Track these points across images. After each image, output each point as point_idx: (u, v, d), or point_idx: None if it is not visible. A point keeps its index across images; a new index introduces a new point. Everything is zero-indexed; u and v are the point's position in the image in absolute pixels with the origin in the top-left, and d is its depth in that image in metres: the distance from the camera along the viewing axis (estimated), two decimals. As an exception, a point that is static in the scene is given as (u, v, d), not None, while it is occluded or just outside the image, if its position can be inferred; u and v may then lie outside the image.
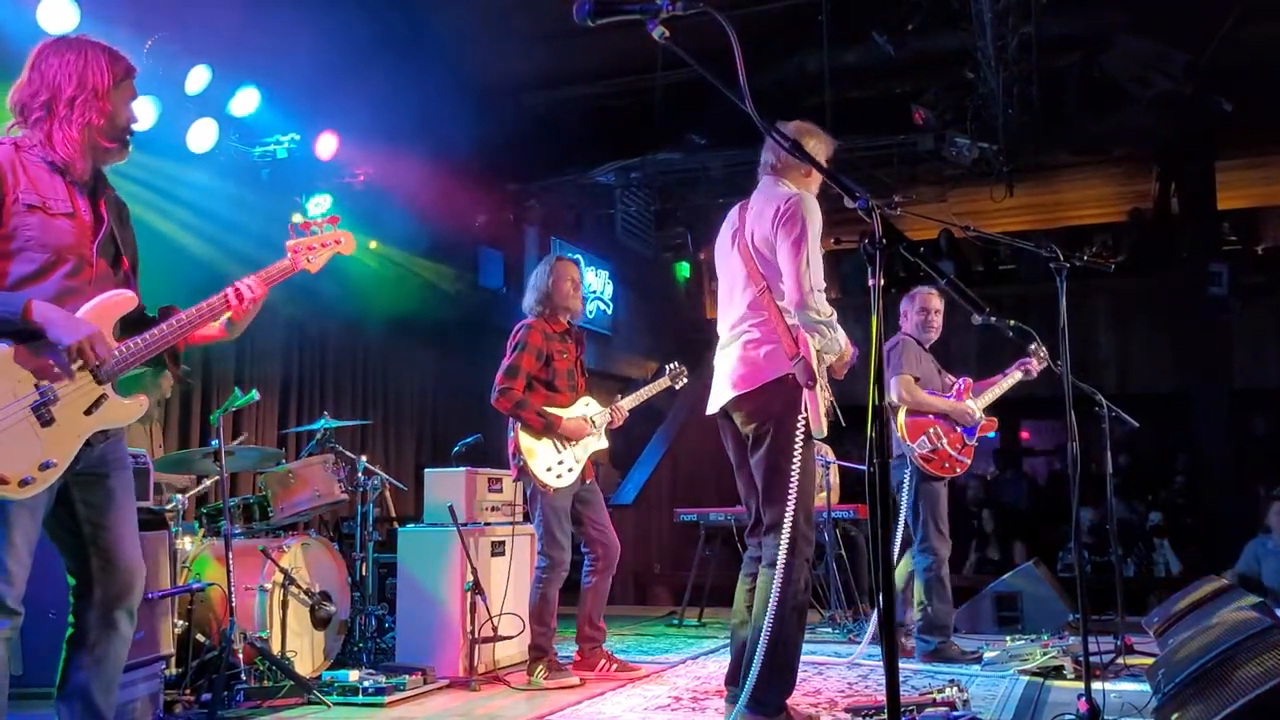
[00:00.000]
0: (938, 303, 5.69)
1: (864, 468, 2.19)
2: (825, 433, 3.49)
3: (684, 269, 14.33)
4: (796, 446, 3.49)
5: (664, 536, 10.05)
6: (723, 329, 3.83)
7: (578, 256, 10.28)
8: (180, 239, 6.86)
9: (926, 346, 5.67)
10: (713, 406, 3.80)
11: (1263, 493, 8.66)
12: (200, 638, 4.57)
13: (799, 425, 3.49)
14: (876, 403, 2.10)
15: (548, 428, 4.87)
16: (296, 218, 3.12)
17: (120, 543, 2.73)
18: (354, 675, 4.55)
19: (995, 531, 9.75)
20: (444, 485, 5.38)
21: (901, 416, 5.44)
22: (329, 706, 4.34)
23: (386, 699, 4.40)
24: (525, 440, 4.84)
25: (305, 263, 3.05)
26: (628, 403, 5.36)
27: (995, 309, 4.62)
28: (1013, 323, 4.62)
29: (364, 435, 8.84)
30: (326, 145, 7.48)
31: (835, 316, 3.56)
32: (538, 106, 9.17)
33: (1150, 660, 4.49)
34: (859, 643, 6.13)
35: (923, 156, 9.25)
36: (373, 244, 9.02)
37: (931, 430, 5.41)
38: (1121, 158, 10.48)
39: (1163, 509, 9.95)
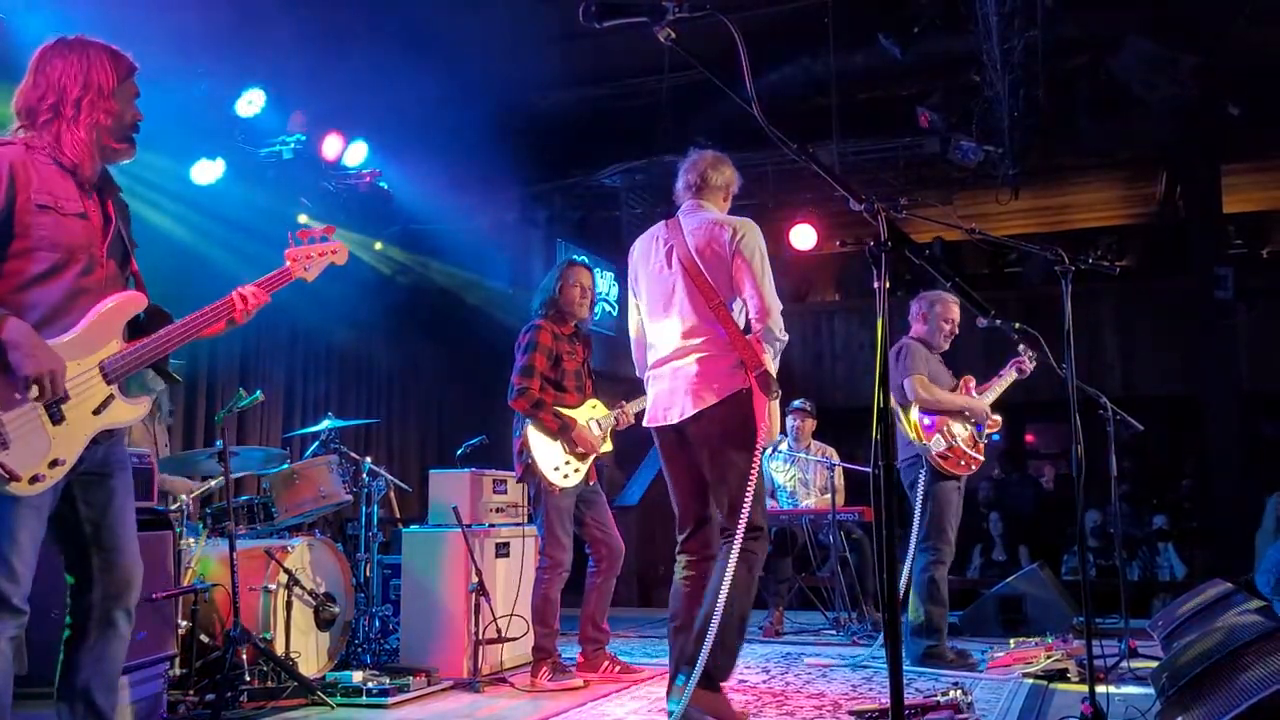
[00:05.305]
0: (956, 312, 5.61)
1: (868, 469, 2.18)
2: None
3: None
4: (755, 453, 3.66)
5: (669, 538, 10.00)
6: (663, 343, 3.92)
7: (584, 258, 10.28)
8: (185, 239, 6.87)
9: (936, 352, 5.61)
10: (664, 419, 3.85)
11: (1269, 496, 8.63)
12: (204, 638, 4.57)
13: (758, 433, 3.67)
14: (881, 405, 2.10)
15: (563, 430, 4.89)
16: (302, 218, 3.15)
17: (121, 542, 2.73)
18: (358, 676, 4.56)
19: (1000, 534, 9.74)
20: (448, 486, 5.39)
21: (914, 415, 5.37)
22: (333, 708, 4.34)
23: (390, 700, 4.41)
24: (535, 438, 4.85)
25: (302, 271, 3.11)
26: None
27: (1000, 311, 4.62)
28: (1018, 325, 4.61)
29: (368, 436, 8.85)
30: (332, 146, 7.48)
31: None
32: (544, 108, 9.17)
33: (1154, 664, 4.48)
34: (863, 645, 6.13)
35: (929, 159, 9.24)
36: (377, 245, 9.04)
37: (945, 428, 5.38)
38: (1128, 161, 10.46)
39: (1169, 512, 9.93)
